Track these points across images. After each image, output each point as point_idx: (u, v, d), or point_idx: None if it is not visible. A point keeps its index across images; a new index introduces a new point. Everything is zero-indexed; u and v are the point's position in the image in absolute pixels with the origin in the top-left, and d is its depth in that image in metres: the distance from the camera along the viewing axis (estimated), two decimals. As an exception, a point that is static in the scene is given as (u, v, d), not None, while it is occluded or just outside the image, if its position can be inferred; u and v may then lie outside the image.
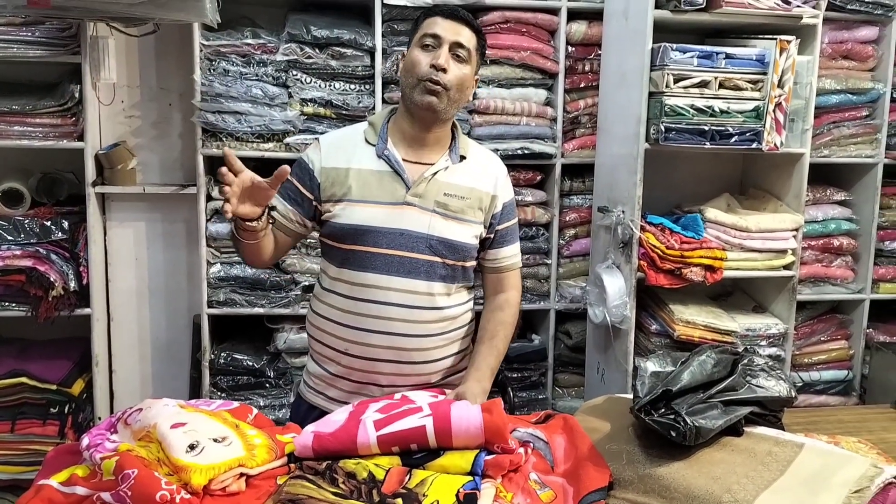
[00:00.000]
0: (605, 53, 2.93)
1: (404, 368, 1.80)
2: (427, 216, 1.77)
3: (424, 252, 1.77)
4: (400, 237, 1.76)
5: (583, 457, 1.49)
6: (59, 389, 2.74)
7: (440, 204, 1.78)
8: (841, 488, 1.31)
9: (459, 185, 1.81)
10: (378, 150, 1.80)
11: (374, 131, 1.83)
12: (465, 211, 1.81)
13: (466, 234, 1.82)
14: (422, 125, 1.80)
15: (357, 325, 1.78)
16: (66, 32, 2.66)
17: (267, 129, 2.79)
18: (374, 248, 1.76)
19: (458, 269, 1.83)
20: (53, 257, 2.72)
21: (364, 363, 1.80)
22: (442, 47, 1.74)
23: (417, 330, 1.78)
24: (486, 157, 1.92)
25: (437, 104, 1.75)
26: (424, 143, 1.82)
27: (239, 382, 2.91)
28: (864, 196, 3.08)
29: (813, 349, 3.09)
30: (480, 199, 1.83)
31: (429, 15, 1.80)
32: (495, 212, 1.87)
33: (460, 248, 1.81)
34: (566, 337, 3.22)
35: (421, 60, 1.74)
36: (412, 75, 1.75)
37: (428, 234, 1.77)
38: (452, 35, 1.75)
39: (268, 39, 2.81)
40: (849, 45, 2.96)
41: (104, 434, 1.52)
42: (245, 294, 2.88)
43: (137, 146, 3.05)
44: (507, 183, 1.92)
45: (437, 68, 1.73)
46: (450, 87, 1.75)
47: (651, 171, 2.67)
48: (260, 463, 1.44)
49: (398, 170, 1.78)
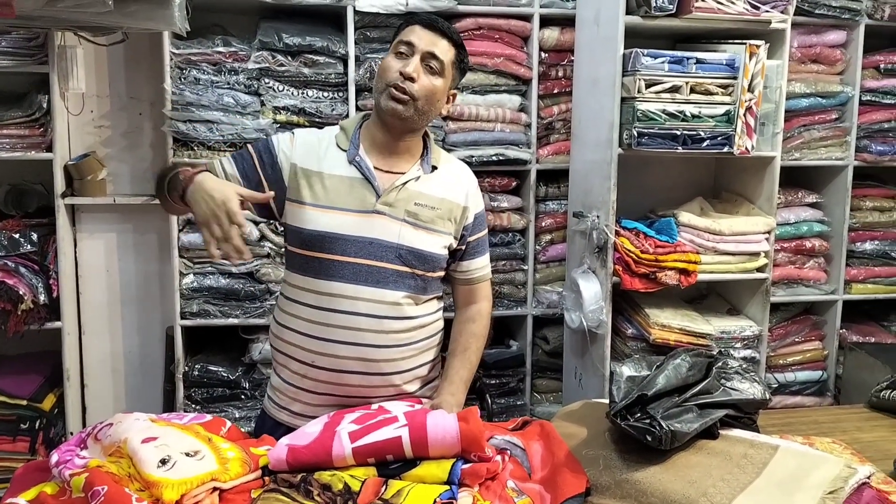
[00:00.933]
0: (577, 59, 2.94)
1: (373, 380, 1.76)
2: (397, 225, 1.74)
3: (394, 262, 1.74)
4: (369, 246, 1.72)
5: (560, 463, 1.49)
6: (30, 405, 2.70)
7: (410, 213, 1.75)
8: (815, 489, 1.32)
9: (430, 195, 1.79)
10: (349, 156, 1.76)
11: (346, 137, 1.80)
12: (435, 221, 1.78)
13: (436, 245, 1.79)
14: (392, 133, 1.77)
15: (324, 335, 1.74)
16: (34, 42, 2.62)
17: (239, 137, 2.76)
18: (342, 257, 1.72)
19: (428, 279, 1.80)
20: (22, 270, 2.68)
21: (331, 375, 1.76)
22: (414, 56, 1.72)
23: (386, 340, 1.75)
24: (457, 169, 1.89)
25: (402, 112, 1.72)
26: (395, 152, 1.79)
27: (214, 394, 2.88)
28: (835, 198, 3.12)
29: (787, 350, 3.12)
30: (451, 209, 1.81)
31: (409, 23, 1.78)
32: (467, 223, 1.85)
33: (430, 259, 1.78)
34: (544, 342, 3.22)
35: (392, 67, 1.72)
36: (382, 80, 1.73)
37: (398, 243, 1.74)
38: (427, 45, 1.72)
39: (239, 47, 2.79)
40: (817, 49, 3.01)
41: (74, 450, 1.49)
42: (219, 305, 2.85)
43: (107, 156, 3.01)
44: (478, 194, 1.91)
45: (405, 76, 1.70)
46: (417, 98, 1.71)
47: (625, 176, 2.68)
48: (233, 477, 1.42)
49: (369, 177, 1.75)
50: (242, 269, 2.82)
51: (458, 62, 1.79)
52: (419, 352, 1.83)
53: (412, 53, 1.72)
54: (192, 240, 2.78)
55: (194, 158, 2.75)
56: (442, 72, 1.75)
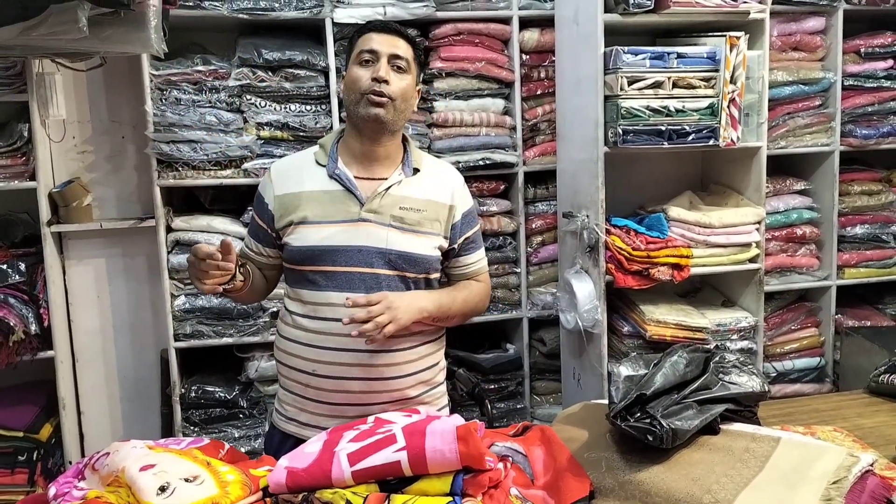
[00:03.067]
0: (559, 59, 2.94)
1: (375, 385, 1.78)
2: (384, 231, 1.76)
3: (383, 267, 1.76)
4: (358, 254, 1.75)
5: (562, 468, 1.48)
6: (27, 436, 2.68)
7: (396, 218, 1.77)
8: (819, 480, 1.31)
9: (415, 197, 1.81)
10: (329, 171, 1.79)
11: (325, 152, 1.83)
12: (422, 223, 1.80)
13: (426, 247, 1.81)
14: (371, 140, 1.80)
15: (323, 344, 1.76)
16: (11, 71, 2.61)
17: (224, 155, 2.75)
18: (333, 267, 1.75)
19: (421, 281, 1.82)
20: (12, 301, 2.66)
21: (334, 382, 1.78)
22: (380, 60, 1.75)
23: (385, 345, 1.76)
24: (441, 169, 1.92)
25: (383, 115, 1.74)
26: (375, 159, 1.81)
27: (212, 415, 2.86)
28: (822, 184, 3.12)
29: (784, 339, 3.12)
30: (437, 210, 1.83)
31: (362, 32, 1.81)
32: (454, 222, 1.87)
33: (420, 261, 1.80)
34: (540, 344, 3.21)
35: (361, 76, 1.75)
36: (354, 91, 1.76)
37: (386, 248, 1.76)
38: (389, 48, 1.76)
39: (219, 65, 2.77)
40: (797, 37, 3.01)
41: (71, 482, 1.48)
42: (212, 324, 2.83)
43: (92, 182, 3.00)
44: (465, 192, 1.92)
45: (379, 80, 1.73)
46: (395, 98, 1.75)
47: (612, 174, 2.68)
48: (234, 500, 1.40)
49: (350, 187, 1.78)
50: (234, 288, 2.79)
51: (417, 58, 1.84)
52: (420, 356, 1.84)
53: (377, 59, 1.75)
54: (182, 261, 2.76)
55: (179, 179, 2.74)
56: (408, 69, 1.79)
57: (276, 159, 2.77)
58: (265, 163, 2.77)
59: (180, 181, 2.75)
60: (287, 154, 2.79)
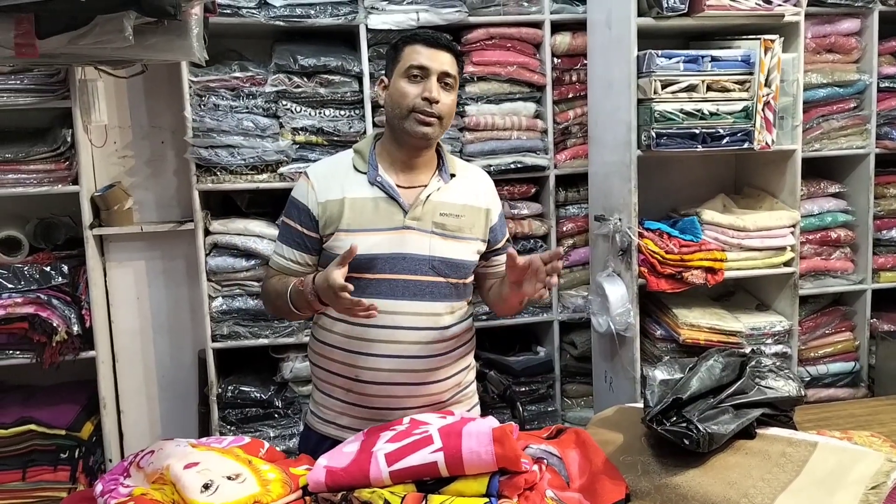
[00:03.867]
0: (590, 63, 2.95)
1: (416, 390, 1.81)
2: (427, 238, 1.78)
3: (428, 273, 1.78)
4: (403, 261, 1.77)
5: (598, 470, 1.49)
6: (69, 434, 2.74)
7: (438, 224, 1.79)
8: (857, 486, 1.31)
9: (454, 203, 1.83)
10: (370, 177, 1.80)
11: (363, 158, 1.83)
12: (462, 229, 1.82)
13: (467, 252, 1.84)
14: (411, 151, 1.82)
15: (367, 351, 1.78)
16: (55, 78, 2.67)
17: (260, 160, 2.80)
18: (379, 275, 1.76)
19: (461, 286, 1.85)
20: (55, 302, 2.72)
21: (377, 388, 1.80)
22: (430, 79, 1.75)
23: (427, 350, 1.79)
24: (473, 174, 1.94)
25: (430, 133, 1.76)
26: (414, 167, 1.83)
27: (248, 415, 2.90)
28: (858, 187, 3.09)
29: (818, 343, 3.09)
30: (475, 215, 1.86)
31: (408, 42, 1.79)
32: (492, 224, 1.90)
33: (461, 266, 1.83)
34: (571, 347, 3.22)
35: (410, 92, 1.75)
36: (401, 106, 1.76)
37: (430, 255, 1.78)
38: (439, 65, 1.76)
39: (256, 71, 2.82)
40: (832, 39, 2.99)
41: (117, 479, 1.52)
42: (248, 326, 2.88)
43: (133, 186, 3.06)
44: (496, 195, 1.95)
45: (430, 101, 1.74)
46: (443, 117, 1.77)
47: (645, 177, 2.68)
48: (275, 498, 1.44)
49: (393, 195, 1.79)
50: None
51: (461, 72, 1.84)
52: (456, 359, 1.87)
53: (427, 76, 1.75)
54: (219, 263, 2.81)
55: (217, 183, 2.79)
56: (455, 85, 1.81)
57: (310, 163, 2.81)
58: (300, 167, 2.81)
59: (218, 185, 2.80)
60: (321, 158, 2.84)
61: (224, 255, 2.83)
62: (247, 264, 2.83)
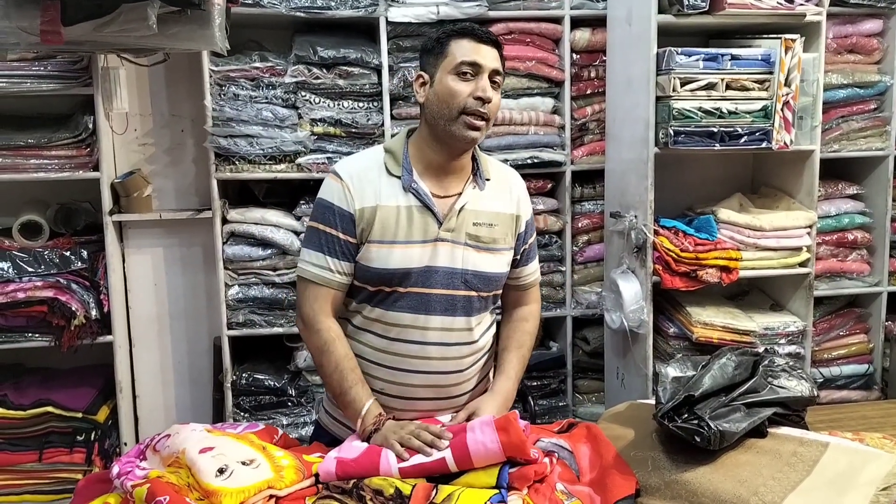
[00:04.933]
0: (610, 59, 2.94)
1: (442, 404, 1.76)
2: (460, 250, 1.71)
3: (460, 288, 1.71)
4: (436, 275, 1.69)
5: (608, 465, 1.50)
6: (85, 417, 2.77)
7: (471, 236, 1.72)
8: (868, 487, 1.32)
9: (486, 211, 1.75)
10: (405, 183, 1.69)
11: (396, 161, 1.72)
12: (496, 240, 1.75)
13: (500, 264, 1.77)
14: (451, 154, 1.72)
15: (394, 365, 1.72)
16: (78, 65, 2.70)
17: (279, 150, 2.81)
18: (411, 288, 1.69)
19: (490, 298, 1.80)
20: (74, 287, 2.75)
21: (401, 402, 1.75)
22: (482, 76, 1.65)
23: (455, 366, 1.75)
24: (505, 176, 1.85)
25: (479, 137, 1.68)
26: (450, 172, 1.74)
27: (261, 402, 2.93)
28: (876, 188, 3.07)
29: (832, 344, 3.08)
30: (506, 222, 1.78)
31: (455, 36, 1.67)
32: (520, 231, 1.83)
33: (494, 280, 1.77)
34: (584, 343, 3.22)
35: (461, 90, 1.64)
36: (451, 107, 1.65)
37: (462, 269, 1.71)
38: (490, 62, 1.66)
39: (275, 62, 2.84)
40: (853, 39, 2.97)
41: (133, 461, 1.54)
42: (264, 314, 2.90)
43: (152, 173, 3.08)
44: (528, 199, 1.87)
45: (484, 100, 1.64)
46: (491, 118, 1.68)
47: (661, 175, 2.68)
48: (288, 484, 1.46)
49: (429, 204, 1.69)
50: (286, 279, 2.86)
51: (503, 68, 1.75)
52: (479, 369, 1.83)
53: (478, 73, 1.65)
54: (236, 252, 2.84)
55: (235, 172, 2.81)
56: (501, 84, 1.72)
57: (327, 154, 2.83)
58: (318, 158, 2.83)
59: (236, 174, 2.82)
60: (340, 150, 2.86)
61: (241, 243, 2.85)
62: (263, 253, 2.86)
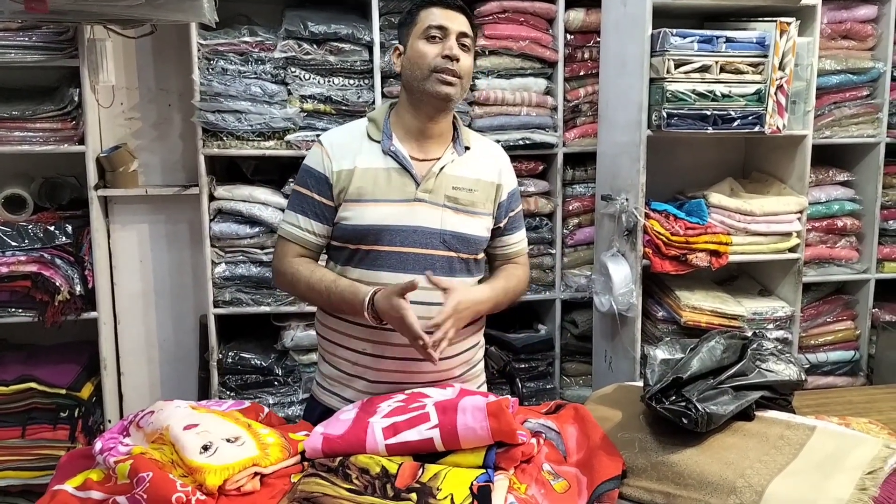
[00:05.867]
0: (604, 40, 2.92)
1: (425, 365, 1.76)
2: (439, 211, 1.76)
3: (439, 248, 1.76)
4: (414, 234, 1.74)
5: (595, 446, 1.50)
6: (69, 393, 2.75)
7: (450, 198, 1.78)
8: (854, 470, 1.32)
9: (466, 177, 1.81)
10: (384, 147, 1.78)
11: (377, 127, 1.81)
12: (475, 204, 1.80)
13: (478, 227, 1.82)
14: (428, 117, 1.79)
15: (376, 324, 1.72)
16: (64, 36, 2.65)
17: (267, 126, 2.78)
18: (390, 247, 1.74)
19: (471, 261, 1.83)
20: (58, 262, 2.72)
21: (385, 362, 1.78)
22: (449, 38, 1.74)
23: None
24: (488, 147, 1.92)
25: (453, 93, 1.74)
26: (429, 136, 1.81)
27: (248, 381, 2.91)
28: (866, 176, 3.07)
29: (819, 330, 3.09)
30: (487, 189, 1.83)
31: (423, 6, 1.77)
32: (501, 200, 1.88)
33: (473, 242, 1.81)
34: (572, 326, 3.22)
35: (429, 52, 1.73)
36: (422, 67, 1.74)
37: (441, 229, 1.76)
38: (457, 25, 1.75)
39: (265, 37, 2.80)
40: (848, 25, 2.96)
41: (117, 437, 1.53)
42: (251, 293, 2.88)
43: (138, 148, 3.05)
44: (511, 171, 1.93)
45: (452, 58, 1.72)
46: (463, 77, 1.75)
47: (653, 158, 2.66)
48: (273, 462, 1.45)
49: (406, 166, 1.77)
50: (273, 258, 2.84)
51: (475, 35, 1.83)
52: (466, 336, 1.84)
53: (446, 36, 1.74)
54: (223, 229, 2.81)
55: (223, 148, 2.77)
56: (471, 48, 1.79)
57: (317, 132, 2.80)
58: (307, 135, 2.80)
59: (224, 150, 2.79)
60: (329, 127, 2.83)
61: (228, 221, 2.83)
62: (251, 231, 2.83)
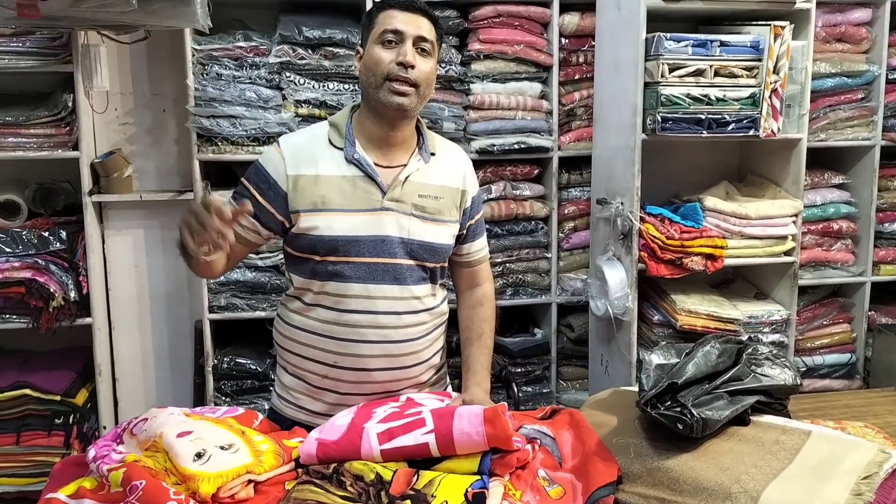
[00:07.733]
0: (598, 44, 2.92)
1: (397, 374, 1.76)
2: (406, 220, 1.72)
3: (405, 257, 1.72)
4: (381, 244, 1.70)
5: (590, 452, 1.49)
6: (63, 400, 2.74)
7: (417, 207, 1.73)
8: (849, 475, 1.31)
9: (433, 184, 1.76)
10: (347, 154, 1.70)
11: (339, 133, 1.73)
12: (441, 212, 1.76)
13: (445, 235, 1.78)
14: (389, 125, 1.72)
15: (347, 336, 1.72)
16: (58, 42, 2.65)
17: (262, 131, 2.78)
18: (357, 258, 1.70)
19: (437, 269, 1.80)
20: (52, 268, 2.72)
21: (355, 374, 1.75)
22: (405, 43, 1.65)
23: (407, 334, 1.75)
24: (452, 153, 1.86)
25: (406, 103, 1.66)
26: (392, 143, 1.74)
27: (243, 386, 2.91)
28: (862, 179, 3.07)
29: (815, 333, 3.09)
30: (453, 196, 1.79)
31: (382, 8, 1.69)
32: (465, 206, 1.83)
33: (439, 251, 1.77)
34: (568, 330, 3.22)
35: (384, 58, 1.65)
36: (375, 74, 1.66)
37: (408, 238, 1.72)
38: (414, 29, 1.66)
39: (260, 42, 2.79)
40: (842, 28, 2.96)
41: (110, 445, 1.52)
42: (246, 298, 2.87)
43: (133, 153, 3.04)
44: (474, 176, 1.88)
45: (405, 65, 1.64)
46: (419, 84, 1.66)
47: (648, 162, 2.66)
48: (268, 469, 1.44)
49: (371, 174, 1.70)
50: (268, 263, 2.84)
51: (440, 39, 1.74)
52: (434, 340, 1.84)
53: (402, 40, 1.65)
54: (218, 234, 2.80)
55: (218, 154, 2.77)
56: (433, 52, 1.70)
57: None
58: (302, 140, 2.79)
59: (219, 156, 2.78)
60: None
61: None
62: (246, 236, 2.82)
